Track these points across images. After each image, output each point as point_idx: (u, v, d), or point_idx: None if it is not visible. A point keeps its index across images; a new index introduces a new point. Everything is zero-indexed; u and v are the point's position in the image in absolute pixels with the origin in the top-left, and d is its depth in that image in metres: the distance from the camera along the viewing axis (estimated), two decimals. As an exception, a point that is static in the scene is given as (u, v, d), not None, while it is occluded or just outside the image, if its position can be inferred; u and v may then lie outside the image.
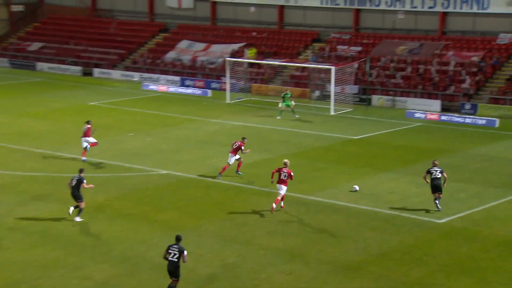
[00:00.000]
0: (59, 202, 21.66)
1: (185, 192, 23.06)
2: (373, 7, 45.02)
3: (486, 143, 29.57)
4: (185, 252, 15.24)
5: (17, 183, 23.50)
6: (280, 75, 45.19)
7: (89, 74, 50.46)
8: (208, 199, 22.33)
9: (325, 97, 40.48)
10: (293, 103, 35.46)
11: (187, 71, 48.29)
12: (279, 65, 44.14)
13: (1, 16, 58.19)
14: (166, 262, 15.31)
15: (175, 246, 15.33)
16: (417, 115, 35.85)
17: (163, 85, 45.55)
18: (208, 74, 47.54)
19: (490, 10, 40.82)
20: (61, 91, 43.54)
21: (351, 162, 27.04)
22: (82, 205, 20.24)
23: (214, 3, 52.13)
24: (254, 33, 49.81)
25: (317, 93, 41.54)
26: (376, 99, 39.77)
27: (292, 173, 21.08)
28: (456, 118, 34.70)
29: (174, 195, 22.73)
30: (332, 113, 37.16)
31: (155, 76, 47.89)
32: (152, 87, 45.22)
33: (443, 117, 35.06)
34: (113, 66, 51.22)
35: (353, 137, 31.51)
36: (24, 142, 29.27)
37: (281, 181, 21.14)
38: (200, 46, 50.18)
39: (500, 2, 40.46)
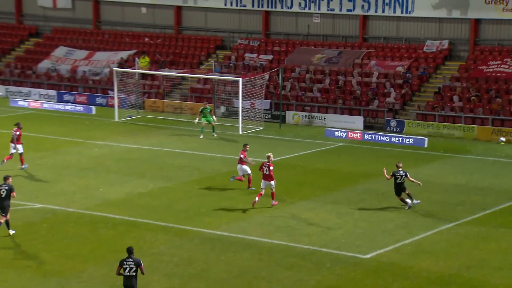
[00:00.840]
0: None
1: (64, 229, 22.67)
2: (285, 9, 46.21)
3: (414, 165, 30.92)
4: (142, 263, 16.67)
5: None
6: (178, 88, 45.41)
7: None
8: (93, 237, 22.04)
9: (231, 113, 41.00)
10: (214, 118, 36.38)
11: (66, 84, 47.58)
12: (177, 77, 44.37)
13: None
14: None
15: (129, 259, 16.59)
16: (337, 134, 37.03)
17: (35, 101, 44.63)
18: (91, 88, 47.03)
19: (415, 14, 42.90)
20: None
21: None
22: (8, 216, 21.62)
23: (97, 3, 51.83)
24: (147, 39, 49.88)
25: (222, 109, 42.03)
26: (291, 116, 40.75)
27: (271, 167, 24.70)
28: (381, 136, 36.12)
29: (51, 233, 22.29)
30: (240, 132, 37.70)
31: (25, 90, 46.84)
32: (22, 103, 44.19)
33: (366, 136, 36.40)
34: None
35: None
36: None
37: (265, 177, 24.54)
38: (81, 54, 49.61)
39: (425, 5, 42.59)
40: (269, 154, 25.27)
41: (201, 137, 35.85)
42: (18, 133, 29.56)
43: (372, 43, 44.34)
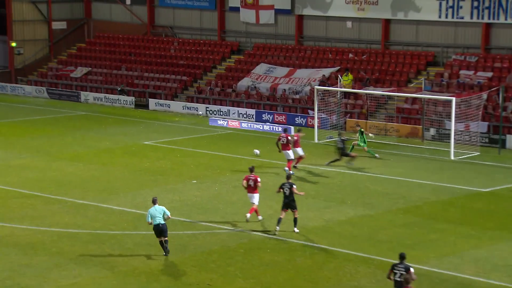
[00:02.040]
0: (104, 266, 22.26)
1: (260, 256, 23.18)
2: (510, 21, 44.30)
3: None
4: (412, 269, 17.86)
5: (52, 242, 24.35)
6: (383, 108, 45.05)
7: (144, 106, 52.03)
8: (290, 265, 22.34)
9: (442, 136, 39.94)
10: (366, 137, 36.82)
11: (265, 103, 48.95)
12: (383, 96, 44.05)
13: (40, 35, 61.11)
14: None
15: (401, 265, 17.95)
16: None
17: (234, 120, 46.28)
18: (291, 107, 48.01)
19: None
20: (109, 127, 45.05)
21: (478, 222, 26.44)
22: (297, 213, 24.96)
23: (300, 17, 52.95)
24: (351, 55, 50.07)
25: (432, 131, 41.08)
26: (512, 140, 38.91)
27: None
28: None
29: (247, 259, 22.89)
30: (452, 157, 36.59)
31: (224, 108, 48.79)
32: (221, 122, 46.03)
33: None
34: (173, 96, 52.65)
35: (481, 190, 30.84)
36: (63, 191, 30.36)
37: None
38: (282, 71, 50.86)
39: None
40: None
41: (377, 156, 36.16)
42: (296, 138, 33.76)
43: None
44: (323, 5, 51.32)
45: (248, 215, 25.98)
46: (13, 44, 58.79)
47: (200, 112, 49.33)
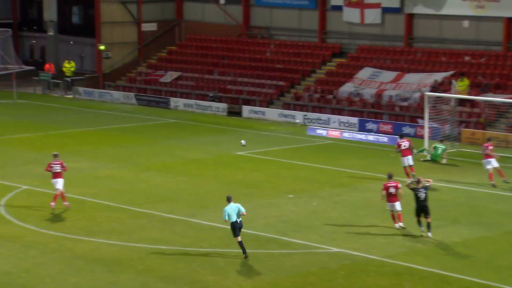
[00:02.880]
0: (194, 286, 22.39)
1: (363, 279, 22.89)
2: None
3: None
4: None
5: (139, 259, 24.72)
6: (504, 117, 43.93)
7: (237, 113, 52.42)
8: (396, 291, 21.98)
9: None
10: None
11: (369, 111, 48.51)
12: (504, 103, 42.92)
13: (129, 37, 62.48)
14: None
15: None
16: None
17: (335, 129, 46.05)
18: (398, 115, 47.40)
19: None
20: (200, 136, 45.57)
21: None
22: (430, 218, 26.26)
23: (410, 16, 52.26)
24: (467, 58, 49.06)
25: (560, 143, 39.66)
26: None
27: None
28: None
29: (348, 282, 22.64)
30: None
31: (324, 116, 48.61)
32: (320, 131, 45.86)
33: None
34: (268, 103, 52.85)
35: None
36: (150, 204, 30.84)
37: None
38: (389, 76, 50.31)
39: None
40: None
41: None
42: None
43: None
44: (436, 3, 50.50)
45: (400, 224, 27.19)
46: (102, 47, 60.30)
47: (298, 121, 49.30)
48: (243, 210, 24.46)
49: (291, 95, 52.85)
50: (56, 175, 29.58)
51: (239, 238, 24.25)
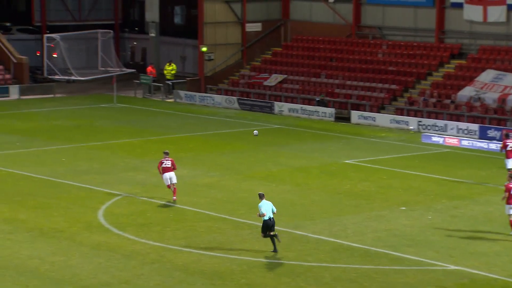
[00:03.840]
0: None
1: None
2: None
3: None
4: None
5: (241, 272, 24.87)
6: None
7: (345, 119, 52.26)
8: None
9: None
10: None
11: (491, 117, 47.58)
12: None
13: (233, 38, 63.13)
14: None
15: None
16: None
17: (452, 137, 45.37)
18: (523, 122, 46.35)
19: None
20: (305, 143, 45.60)
21: None
22: None
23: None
24: None
25: None
26: None
27: None
28: None
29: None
30: None
31: (441, 123, 47.96)
32: (436, 139, 45.26)
33: None
34: (379, 108, 52.48)
35: None
36: (253, 215, 31.00)
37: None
38: (513, 79, 49.33)
39: None
40: None
41: None
42: None
43: None
44: None
45: None
46: (204, 49, 61.08)
47: (412, 127, 48.79)
48: (275, 209, 26.35)
49: (404, 99, 52.31)
50: (167, 169, 32.11)
51: (269, 233, 25.86)
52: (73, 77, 61.00)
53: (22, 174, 37.02)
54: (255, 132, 38.63)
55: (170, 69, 62.80)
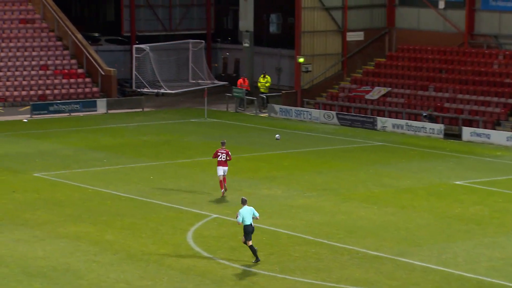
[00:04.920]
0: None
1: None
2: None
3: None
4: None
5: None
6: None
7: (456, 136, 51.57)
8: None
9: None
10: None
11: None
12: None
13: (332, 48, 62.96)
14: None
15: None
16: None
17: None
18: None
19: None
20: (411, 162, 45.12)
21: None
22: None
23: None
24: None
25: None
26: None
27: None
28: None
29: None
30: None
31: None
32: None
33: None
34: (494, 124, 51.57)
35: None
36: (353, 239, 30.77)
37: None
38: None
39: None
40: None
41: None
42: None
43: None
44: None
45: None
46: (301, 60, 61.08)
47: (530, 145, 47.81)
48: (257, 214, 27.76)
49: (522, 115, 51.46)
50: (222, 163, 35.72)
51: (250, 243, 27.15)
52: (162, 90, 61.71)
53: (109, 192, 37.58)
54: (278, 136, 38.47)
55: (264, 81, 63.08)
